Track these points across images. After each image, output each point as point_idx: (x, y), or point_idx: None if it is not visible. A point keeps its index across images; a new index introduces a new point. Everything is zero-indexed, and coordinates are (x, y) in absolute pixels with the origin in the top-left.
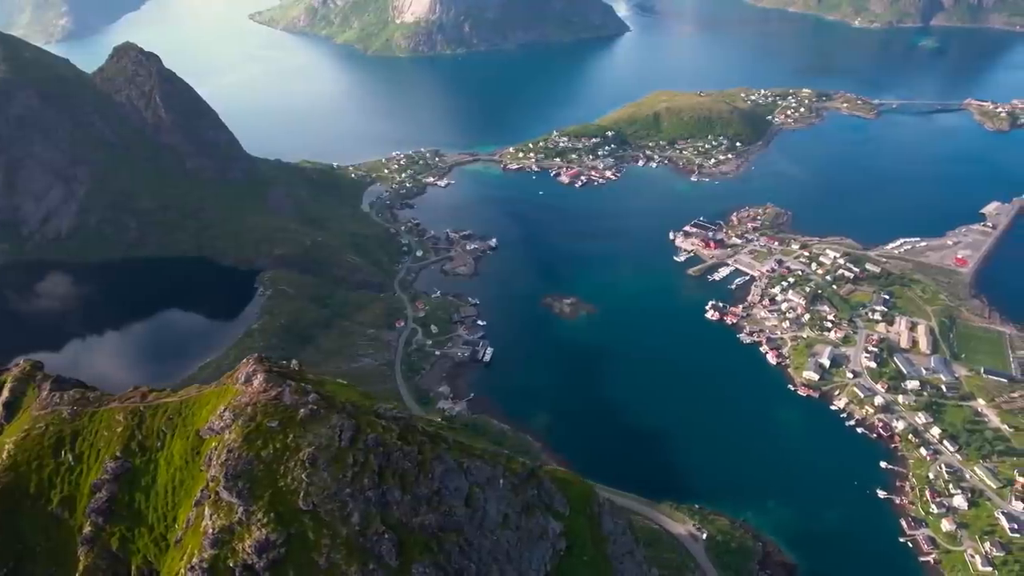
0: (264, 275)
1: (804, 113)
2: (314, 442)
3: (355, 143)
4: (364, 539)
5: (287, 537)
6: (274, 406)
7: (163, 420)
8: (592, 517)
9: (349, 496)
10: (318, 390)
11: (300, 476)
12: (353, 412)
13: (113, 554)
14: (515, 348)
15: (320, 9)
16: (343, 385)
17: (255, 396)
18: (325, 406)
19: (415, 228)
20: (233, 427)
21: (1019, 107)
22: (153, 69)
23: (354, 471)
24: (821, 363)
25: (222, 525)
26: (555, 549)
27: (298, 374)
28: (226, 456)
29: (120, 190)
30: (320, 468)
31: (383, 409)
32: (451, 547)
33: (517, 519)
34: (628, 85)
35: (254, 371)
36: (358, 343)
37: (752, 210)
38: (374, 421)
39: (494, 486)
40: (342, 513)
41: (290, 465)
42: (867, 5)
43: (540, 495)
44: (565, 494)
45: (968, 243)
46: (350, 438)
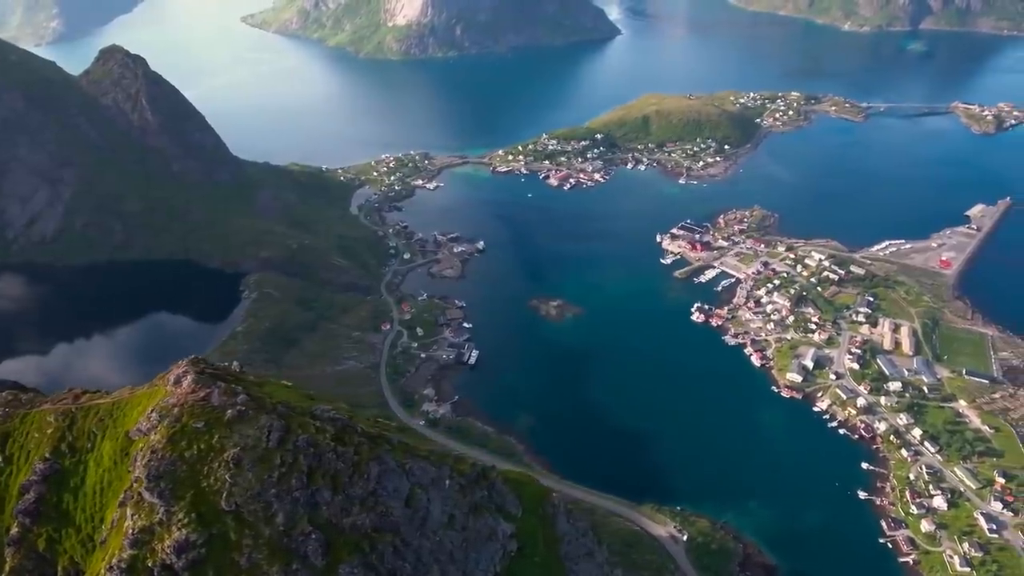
0: (250, 278)
1: (792, 116)
2: (240, 442)
3: (345, 146)
4: (289, 539)
5: (208, 537)
6: (201, 407)
7: (94, 421)
8: (545, 518)
9: (274, 496)
10: (249, 392)
11: (223, 476)
12: (285, 413)
13: (40, 555)
14: (501, 350)
15: (312, 12)
16: (286, 387)
17: (183, 397)
18: (254, 407)
19: (403, 231)
20: (159, 428)
21: (1005, 110)
22: (139, 71)
23: (281, 472)
24: (804, 365)
25: (143, 525)
26: (505, 550)
27: (234, 376)
28: (149, 457)
29: (106, 193)
30: (245, 468)
31: (321, 410)
32: (384, 547)
33: (464, 520)
34: (618, 88)
35: (184, 373)
36: (343, 346)
37: (739, 212)
38: (307, 422)
39: (439, 487)
40: (266, 513)
41: (214, 466)
42: (856, 9)
43: (491, 496)
44: (518, 495)
45: (953, 245)
46: (279, 439)
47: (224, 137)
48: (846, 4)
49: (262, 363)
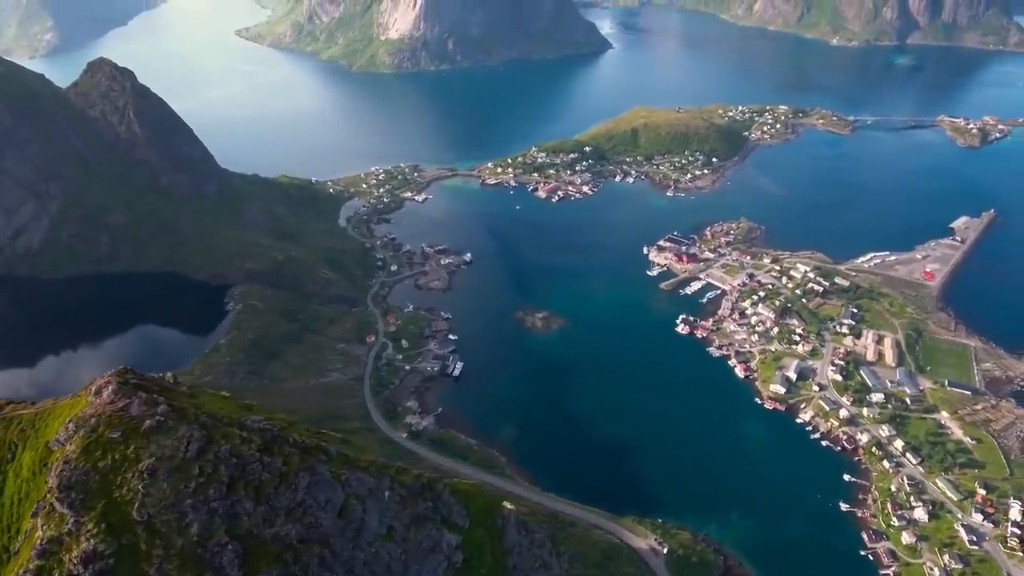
0: (234, 290)
1: (780, 129)
2: (156, 453)
3: (335, 158)
4: (204, 550)
5: (117, 548)
6: (119, 417)
7: (15, 432)
8: (494, 530)
9: (190, 507)
10: (172, 402)
11: (137, 487)
12: (208, 424)
13: None
14: (485, 362)
15: (306, 26)
16: (222, 398)
17: (101, 408)
18: (175, 418)
19: (391, 243)
20: (75, 438)
21: (990, 123)
22: (127, 84)
23: (199, 481)
24: (788, 376)
25: (51, 536)
26: (450, 562)
27: (161, 387)
28: (62, 467)
29: (93, 205)
30: (160, 479)
31: (251, 421)
32: (311, 558)
33: (404, 531)
34: (609, 101)
35: (106, 383)
36: (327, 358)
37: (726, 225)
38: (233, 433)
39: (377, 498)
40: (180, 524)
41: (128, 476)
42: (845, 24)
43: (437, 507)
44: (466, 506)
45: (937, 257)
46: (199, 449)
47: (215, 149)
48: (834, 19)
49: (245, 375)
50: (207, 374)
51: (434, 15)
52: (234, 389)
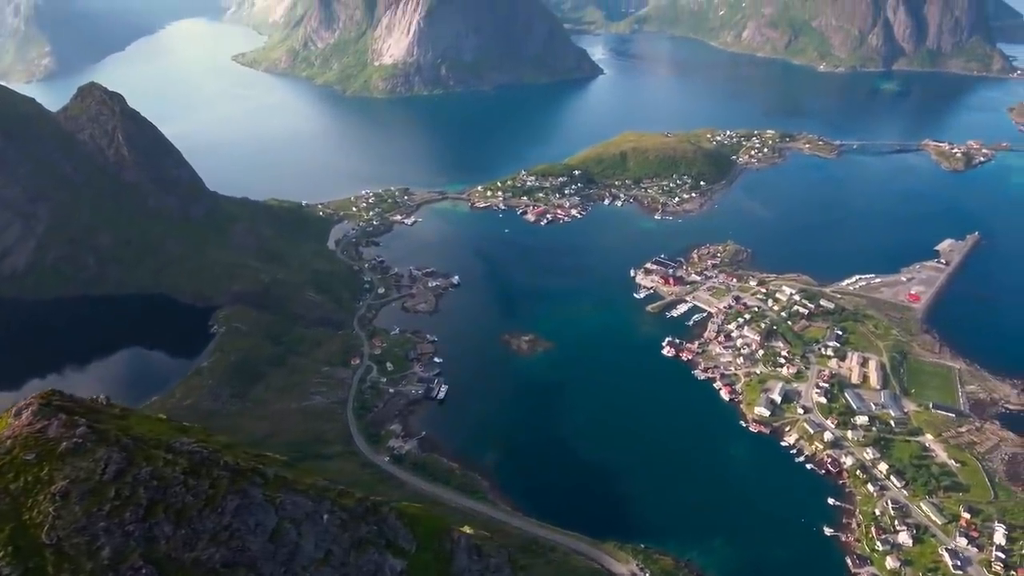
0: (219, 312)
1: (767, 153)
2: (70, 475)
3: (326, 181)
4: (115, 573)
5: (23, 571)
6: (36, 439)
7: None
8: (442, 554)
9: (102, 530)
10: (94, 424)
11: (47, 509)
12: (130, 446)
13: None
14: (470, 385)
15: (301, 52)
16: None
17: (19, 429)
18: (94, 439)
19: (379, 265)
20: None
21: (974, 148)
22: (117, 108)
23: (114, 504)
24: (773, 399)
25: None
26: None
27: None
28: None
29: (80, 227)
30: (72, 501)
31: (180, 443)
32: None
33: (344, 556)
34: (599, 126)
35: (27, 405)
36: (311, 381)
37: (712, 247)
38: (156, 454)
39: (314, 521)
40: (91, 547)
41: (39, 498)
42: (832, 50)
43: (382, 531)
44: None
45: (922, 279)
46: (117, 471)
47: (207, 172)
48: (821, 46)
49: (227, 398)
50: (188, 397)
51: (427, 41)
52: (214, 412)
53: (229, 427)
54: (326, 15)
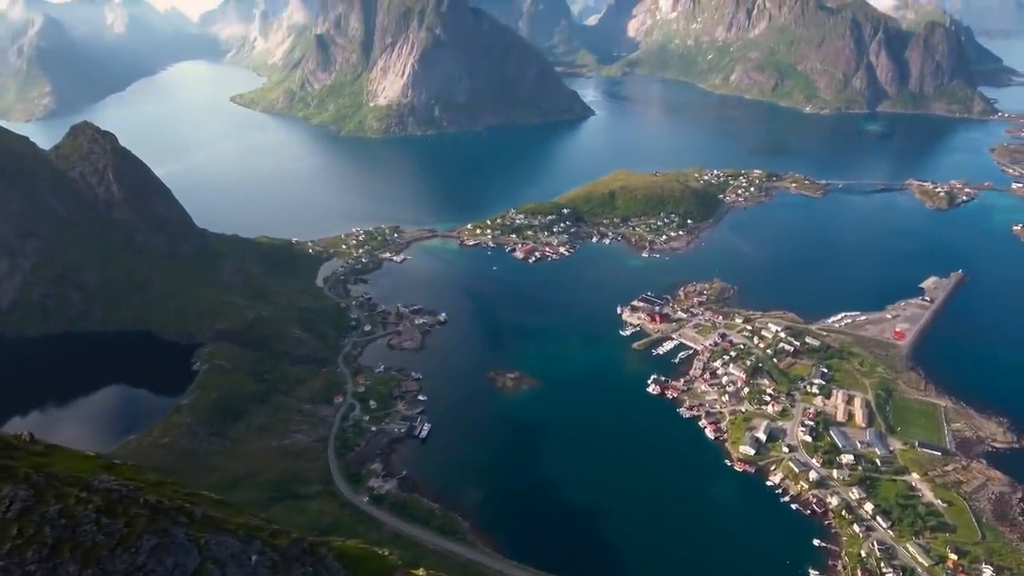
0: (202, 350)
1: (754, 192)
2: None
3: (318, 219)
4: None
5: None
6: None
7: None
8: None
9: (1, 570)
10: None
11: None
12: (41, 483)
13: None
14: (454, 424)
15: (298, 92)
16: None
17: None
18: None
19: (366, 303)
20: None
21: (957, 187)
22: (108, 147)
23: (15, 543)
24: (758, 437)
25: None
26: None
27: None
28: None
29: (66, 264)
30: None
31: (99, 481)
32: None
33: None
34: (589, 165)
35: None
36: (292, 419)
37: (699, 285)
38: (68, 492)
39: (240, 563)
40: None
41: None
42: (817, 93)
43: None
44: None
45: (906, 316)
46: (21, 509)
47: (200, 210)
48: (807, 88)
49: (205, 436)
50: (165, 435)
51: (422, 83)
52: (192, 451)
53: (206, 466)
54: (323, 58)
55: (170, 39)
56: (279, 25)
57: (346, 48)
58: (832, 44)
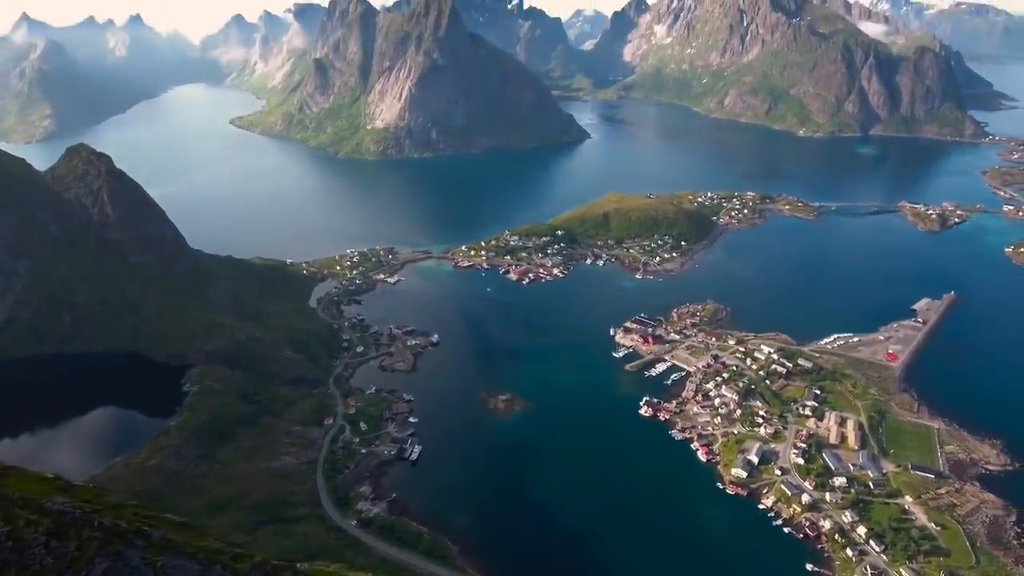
0: (193, 371)
1: (748, 214)
2: None
3: (313, 240)
4: None
5: None
6: None
7: None
8: None
9: None
10: None
11: None
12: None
13: None
14: (445, 446)
15: (296, 115)
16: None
17: None
18: None
19: (358, 324)
20: None
21: (949, 209)
22: (103, 168)
23: None
24: (750, 460)
25: None
26: None
27: None
28: None
29: (58, 285)
30: None
31: (52, 503)
32: None
33: None
34: (584, 188)
35: None
36: (281, 441)
37: (692, 306)
38: (17, 514)
39: None
40: None
41: None
42: (810, 116)
43: None
44: None
45: (899, 338)
46: None
47: (196, 231)
48: (800, 112)
49: (193, 459)
50: (152, 458)
51: (419, 106)
52: (179, 473)
53: (193, 489)
54: (322, 81)
55: (171, 62)
56: (279, 49)
57: (344, 72)
58: (824, 69)
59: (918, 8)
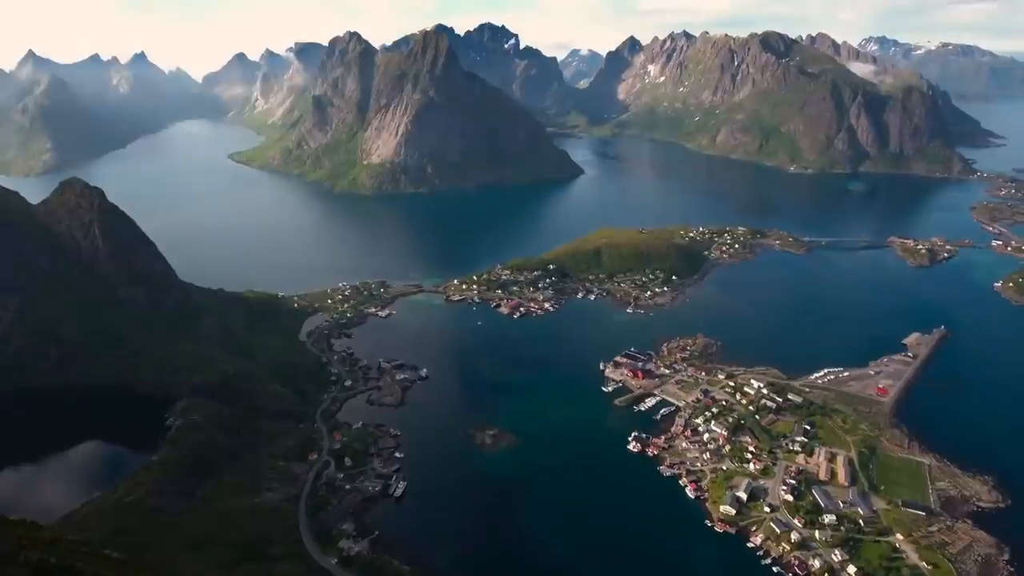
0: (178, 405)
1: (739, 249)
2: None
3: (305, 273)
4: None
5: None
6: None
7: None
8: None
9: None
10: None
11: None
12: None
13: None
14: (430, 482)
15: (295, 151)
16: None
17: None
18: None
19: (348, 357)
20: None
21: (938, 244)
22: (95, 202)
23: None
24: (738, 496)
25: None
26: None
27: None
28: None
29: (47, 318)
30: None
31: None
32: None
33: None
34: (577, 223)
35: None
36: (265, 476)
37: (682, 341)
38: None
39: None
40: None
41: None
42: (801, 153)
43: None
44: None
45: (890, 372)
46: None
47: (189, 264)
48: (791, 149)
49: (173, 495)
50: (131, 493)
51: (415, 142)
52: (158, 509)
53: (171, 525)
54: (320, 118)
55: (173, 99)
56: (280, 87)
57: (342, 108)
58: (814, 107)
59: (906, 49)
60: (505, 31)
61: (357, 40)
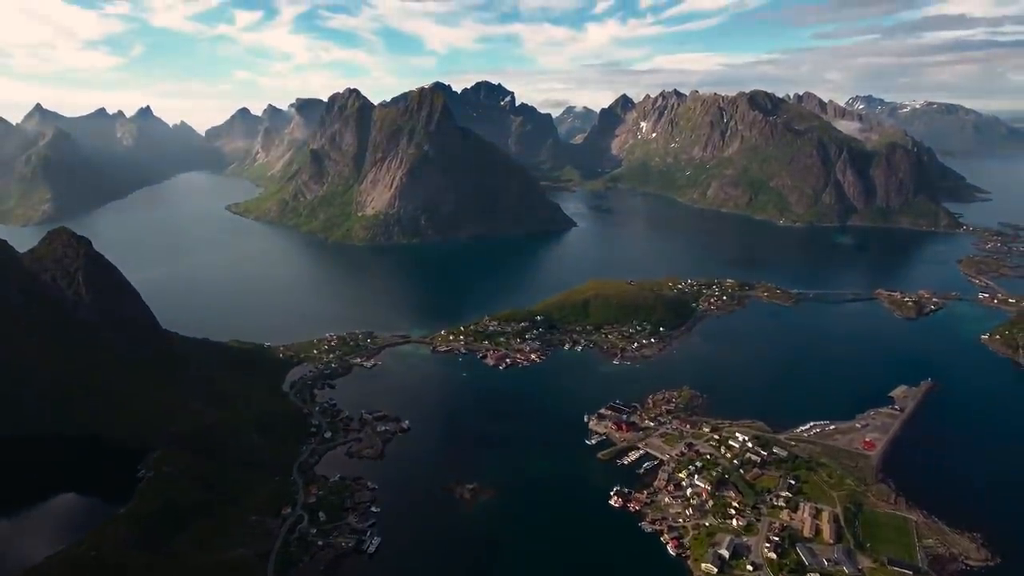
0: (151, 456)
1: (727, 301)
2: None
3: (294, 323)
4: None
5: None
6: None
7: None
8: None
9: None
10: None
11: None
12: None
13: None
14: (405, 538)
15: (291, 202)
16: None
17: None
18: None
19: (329, 408)
20: None
21: (925, 297)
22: (82, 251)
23: None
24: (721, 554)
25: None
26: None
27: None
28: None
29: (22, 365)
30: None
31: None
32: None
33: None
34: (567, 275)
35: None
36: (236, 531)
37: (668, 393)
38: None
39: None
40: None
41: None
42: (790, 207)
43: None
44: None
45: (876, 426)
46: None
47: (177, 313)
48: (780, 203)
49: (139, 550)
50: (95, 548)
51: (409, 195)
52: (122, 565)
53: None
54: (317, 170)
55: (176, 151)
56: (280, 140)
57: (339, 161)
58: (801, 162)
59: (892, 107)
60: (501, 88)
61: (356, 96)
